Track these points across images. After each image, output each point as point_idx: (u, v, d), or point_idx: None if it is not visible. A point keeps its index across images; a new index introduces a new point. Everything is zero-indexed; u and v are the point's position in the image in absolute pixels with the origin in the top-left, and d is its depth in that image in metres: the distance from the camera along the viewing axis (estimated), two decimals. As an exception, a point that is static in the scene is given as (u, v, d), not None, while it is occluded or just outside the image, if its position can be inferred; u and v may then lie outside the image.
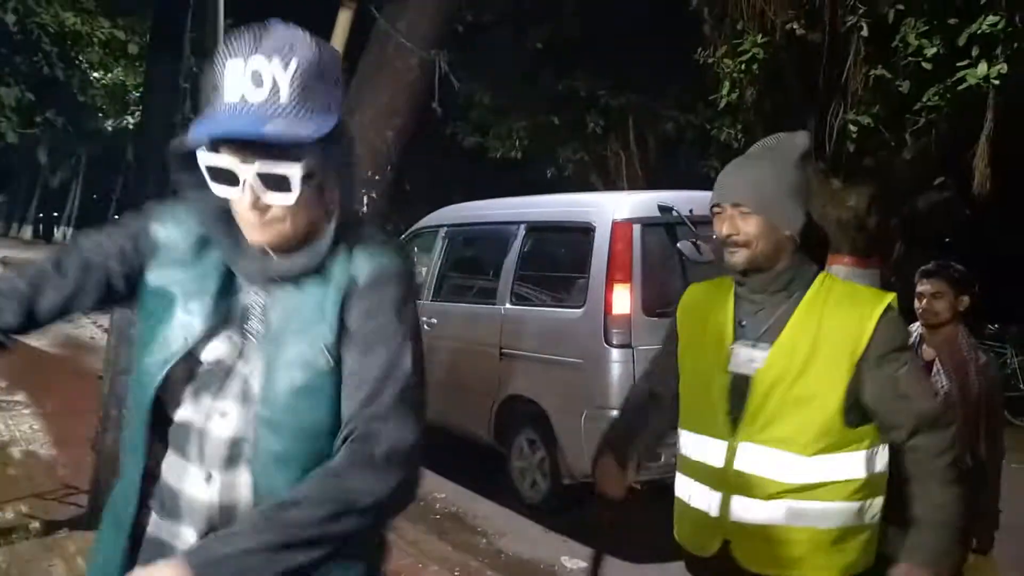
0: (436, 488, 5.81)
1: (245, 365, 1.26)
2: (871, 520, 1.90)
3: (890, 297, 1.85)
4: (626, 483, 2.15)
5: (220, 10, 3.60)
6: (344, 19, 2.78)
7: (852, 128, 7.97)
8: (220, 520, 1.25)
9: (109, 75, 20.37)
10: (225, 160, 1.18)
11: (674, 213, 5.22)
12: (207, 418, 1.26)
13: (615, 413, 4.78)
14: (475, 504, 5.57)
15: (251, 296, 1.28)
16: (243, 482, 1.26)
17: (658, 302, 4.98)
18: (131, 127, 23.27)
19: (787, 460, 1.84)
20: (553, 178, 12.12)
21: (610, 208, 5.28)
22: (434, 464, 6.20)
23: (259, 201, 1.19)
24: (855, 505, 1.86)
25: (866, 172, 8.61)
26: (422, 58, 2.81)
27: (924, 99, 7.25)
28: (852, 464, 1.86)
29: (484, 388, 5.72)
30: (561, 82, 11.34)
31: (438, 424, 6.31)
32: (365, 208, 3.08)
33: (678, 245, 5.14)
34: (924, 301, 3.24)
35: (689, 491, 2.01)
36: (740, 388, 1.89)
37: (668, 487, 2.15)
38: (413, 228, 7.17)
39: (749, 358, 1.89)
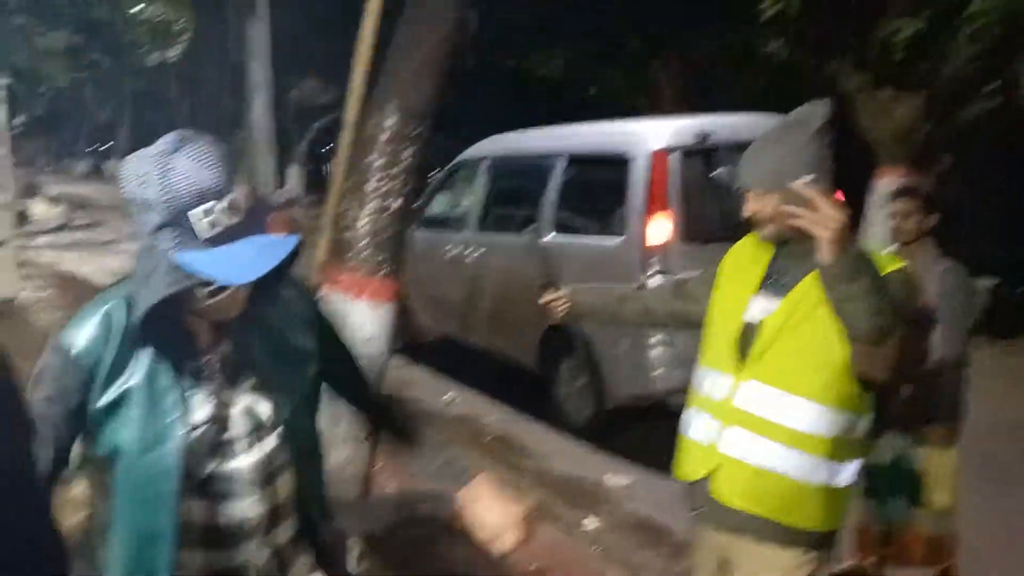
0: (485, 412, 6.09)
1: (239, 404, 1.45)
2: (845, 483, 2.04)
3: (900, 264, 1.98)
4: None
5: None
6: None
7: (899, 36, 7.81)
8: (268, 526, 1.47)
9: (151, 9, 20.55)
10: None
11: (711, 140, 5.27)
12: (239, 458, 1.44)
13: (655, 339, 5.03)
14: (524, 427, 5.83)
15: (205, 358, 1.43)
16: (281, 484, 1.49)
17: (696, 230, 5.09)
18: (174, 61, 23.51)
19: (786, 403, 1.98)
20: (595, 99, 12.06)
21: (647, 138, 5.35)
22: (484, 388, 6.48)
23: (247, 286, 1.37)
24: (836, 465, 2.01)
25: (914, 82, 8.45)
26: (454, 19, 2.93)
27: (972, 5, 7.08)
28: (846, 424, 1.99)
29: (528, 317, 5.90)
30: (599, 2, 11.19)
31: (486, 350, 6.57)
32: (412, 158, 3.23)
33: (716, 172, 5.21)
34: (896, 220, 3.50)
35: (690, 421, 2.19)
36: (750, 334, 2.05)
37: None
38: (456, 160, 7.29)
39: (764, 308, 2.04)
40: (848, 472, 2.04)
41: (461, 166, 7.19)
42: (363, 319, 3.32)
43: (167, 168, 1.25)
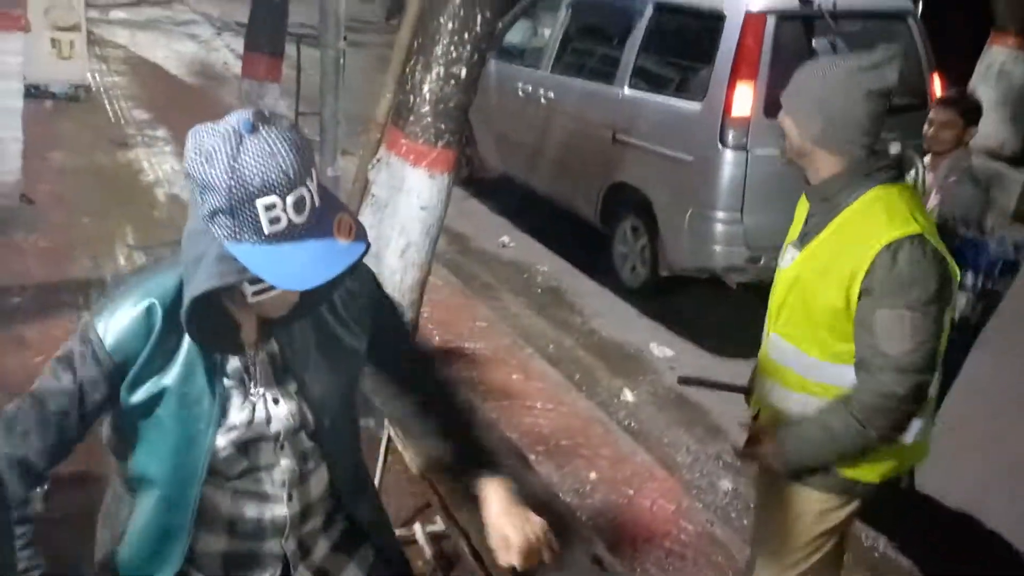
0: (540, 260, 6.08)
1: (282, 405, 1.38)
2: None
3: (910, 230, 1.81)
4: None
5: None
6: None
7: None
8: (297, 523, 1.45)
9: None
10: None
11: (816, 6, 4.85)
12: (272, 458, 1.39)
13: (720, 215, 4.87)
14: (575, 280, 5.82)
15: (251, 354, 1.37)
16: (315, 483, 1.46)
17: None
18: None
19: (798, 356, 1.98)
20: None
21: (746, -5, 4.93)
22: (541, 236, 6.44)
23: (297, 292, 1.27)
24: None
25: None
26: None
27: None
28: None
29: (594, 170, 5.75)
30: None
31: (548, 197, 6.47)
32: (484, 25, 3.03)
33: (814, 43, 4.82)
34: (932, 129, 3.50)
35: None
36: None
37: (761, 288, 2.33)
38: (538, -9, 6.88)
39: (790, 258, 2.03)
40: None
41: (543, -3, 6.78)
42: (420, 187, 3.25)
43: (237, 150, 1.12)
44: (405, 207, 3.28)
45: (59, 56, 7.79)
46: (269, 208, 1.13)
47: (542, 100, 6.27)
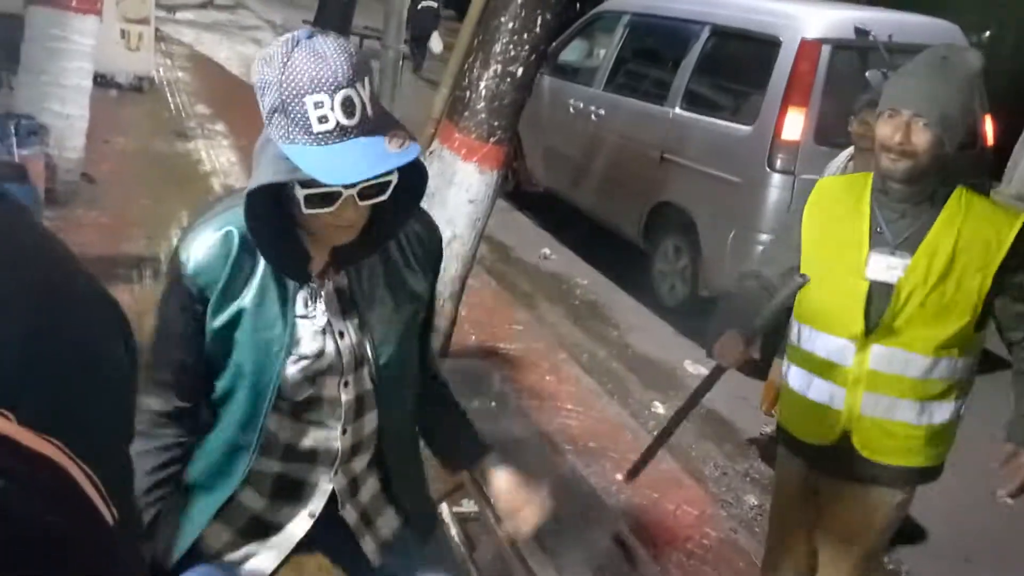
0: (580, 274, 6.14)
1: (347, 339, 1.44)
2: (961, 416, 2.12)
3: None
4: (746, 356, 2.14)
5: None
6: None
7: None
8: (348, 456, 1.51)
9: None
10: (329, 187, 1.25)
11: (871, 38, 4.88)
12: (336, 390, 1.45)
13: (764, 237, 4.90)
14: (613, 296, 5.87)
15: (321, 283, 1.42)
16: (368, 421, 1.51)
17: (832, 132, 4.80)
18: None
19: (917, 361, 1.99)
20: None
21: (801, 23, 4.98)
22: (582, 251, 6.50)
23: (358, 210, 1.30)
24: (959, 404, 2.08)
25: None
26: None
27: None
28: (967, 367, 2.04)
29: (640, 188, 5.81)
30: None
31: (591, 214, 6.53)
32: (544, 27, 3.11)
33: (867, 74, 4.83)
34: (861, 128, 3.37)
35: (808, 383, 2.12)
36: (878, 294, 1.98)
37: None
38: (595, 10, 6.98)
39: (888, 265, 1.97)
40: (963, 408, 2.12)
41: (601, 16, 6.88)
42: (469, 181, 3.33)
43: (291, 51, 1.21)
44: (454, 200, 3.37)
45: (127, 47, 8.05)
46: (318, 105, 1.19)
47: (592, 117, 6.36)
